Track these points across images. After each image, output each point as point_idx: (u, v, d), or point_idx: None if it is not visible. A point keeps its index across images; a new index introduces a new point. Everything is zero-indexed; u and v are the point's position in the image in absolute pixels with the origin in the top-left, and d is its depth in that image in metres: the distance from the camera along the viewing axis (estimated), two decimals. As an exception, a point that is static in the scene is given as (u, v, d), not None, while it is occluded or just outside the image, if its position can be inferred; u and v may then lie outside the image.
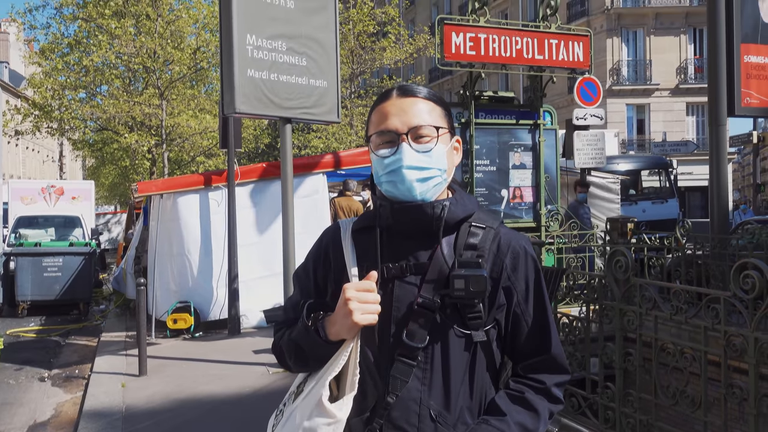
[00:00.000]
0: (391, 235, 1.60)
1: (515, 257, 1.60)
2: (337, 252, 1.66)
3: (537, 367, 1.63)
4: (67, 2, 19.39)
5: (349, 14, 21.61)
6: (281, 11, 6.26)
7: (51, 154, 63.09)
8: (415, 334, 1.52)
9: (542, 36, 7.84)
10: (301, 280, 1.74)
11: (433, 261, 1.56)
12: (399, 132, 1.56)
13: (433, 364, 1.53)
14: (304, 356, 1.60)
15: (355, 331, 1.52)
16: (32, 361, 8.89)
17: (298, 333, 1.59)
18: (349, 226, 1.69)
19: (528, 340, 1.62)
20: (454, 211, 1.59)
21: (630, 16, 30.29)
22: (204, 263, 9.56)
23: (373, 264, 1.58)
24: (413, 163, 1.54)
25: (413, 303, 1.54)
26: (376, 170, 1.60)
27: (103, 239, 22.33)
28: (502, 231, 1.63)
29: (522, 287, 1.61)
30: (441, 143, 1.58)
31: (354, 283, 1.53)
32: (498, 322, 1.59)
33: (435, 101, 1.62)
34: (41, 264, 12.32)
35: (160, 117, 18.97)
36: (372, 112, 1.65)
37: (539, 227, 8.03)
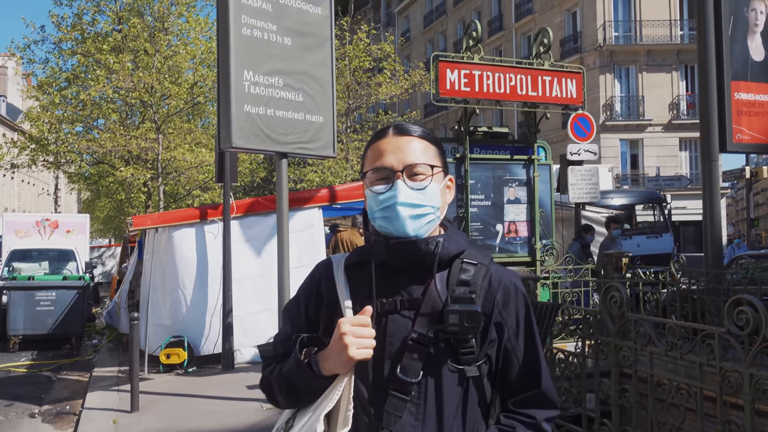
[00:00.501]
0: (384, 270, 1.61)
1: (506, 293, 1.63)
2: (329, 287, 1.67)
3: (527, 402, 1.64)
4: (65, 37, 19.62)
5: (346, 50, 21.89)
6: (278, 48, 6.35)
7: (46, 187, 63.07)
8: (409, 369, 1.53)
9: (536, 73, 7.95)
10: (291, 314, 1.74)
11: (427, 296, 1.58)
12: (394, 169, 1.59)
13: (426, 399, 1.54)
14: (295, 391, 1.60)
15: (350, 366, 1.53)
16: (23, 396, 8.77)
17: (289, 368, 1.59)
18: (342, 261, 1.70)
19: (519, 376, 1.64)
20: (447, 247, 1.61)
21: (622, 53, 30.74)
22: (198, 297, 9.51)
23: (367, 299, 1.59)
24: (408, 200, 1.57)
25: (407, 338, 1.55)
26: (371, 206, 1.63)
27: (97, 272, 22.24)
28: (493, 268, 1.65)
29: (513, 323, 1.63)
30: (435, 181, 1.62)
31: (349, 318, 1.55)
32: (489, 358, 1.61)
33: (430, 140, 1.66)
34: (34, 298, 12.22)
35: (157, 151, 19.05)
36: (368, 149, 1.68)
37: (534, 262, 8.04)
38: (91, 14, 19.92)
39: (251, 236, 9.64)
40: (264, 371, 1.73)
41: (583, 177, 10.13)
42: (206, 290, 9.51)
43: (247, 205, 9.87)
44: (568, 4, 32.61)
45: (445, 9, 43.41)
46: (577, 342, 4.82)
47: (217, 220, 9.49)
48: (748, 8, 8.13)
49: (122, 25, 19.48)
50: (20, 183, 55.93)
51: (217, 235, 9.45)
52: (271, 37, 6.30)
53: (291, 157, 6.70)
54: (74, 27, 19.62)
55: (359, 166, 13.47)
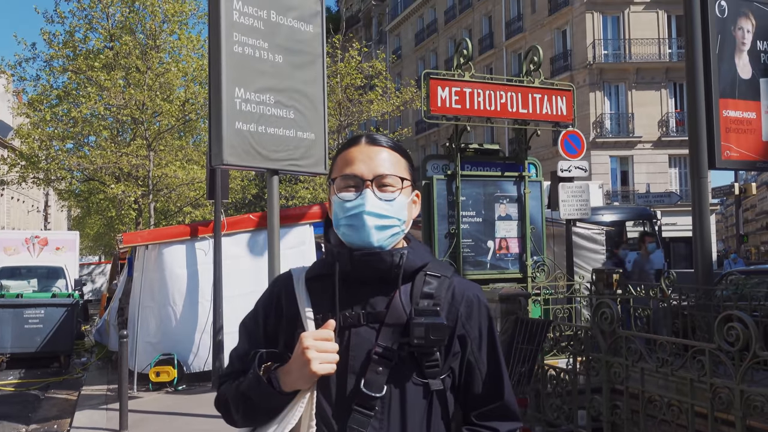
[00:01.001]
0: (346, 282, 1.58)
1: (469, 306, 1.62)
2: (289, 300, 1.64)
3: (490, 414, 1.63)
4: (57, 55, 19.62)
5: (337, 68, 21.99)
6: (270, 65, 6.36)
7: (36, 204, 62.73)
8: (373, 383, 1.50)
9: (526, 90, 8.00)
10: (249, 329, 1.70)
11: (391, 309, 1.55)
12: (364, 178, 1.57)
13: (390, 414, 1.52)
14: (253, 409, 1.56)
15: (313, 382, 1.51)
16: (9, 415, 8.66)
17: (248, 384, 1.55)
18: (303, 274, 1.68)
19: (481, 388, 1.62)
20: (412, 259, 1.60)
21: (612, 71, 31.01)
22: (188, 314, 9.46)
23: (329, 312, 1.56)
24: (375, 210, 1.55)
25: (371, 351, 1.52)
26: (336, 213, 1.60)
27: (86, 290, 22.10)
28: (456, 280, 1.64)
29: (476, 335, 1.62)
30: (403, 194, 1.60)
31: (312, 332, 1.52)
32: (453, 371, 1.60)
33: (401, 153, 1.65)
34: (22, 315, 12.12)
35: (148, 167, 19.02)
36: (338, 155, 1.66)
37: (525, 278, 8.04)
38: (83, 31, 19.98)
39: (242, 253, 9.61)
40: (219, 389, 1.68)
41: (574, 194, 10.17)
42: (196, 307, 9.46)
43: (238, 222, 9.86)
44: (558, 23, 32.93)
45: (436, 27, 43.74)
46: (568, 358, 4.82)
47: (208, 236, 9.46)
48: (735, 27, 8.24)
49: (114, 42, 19.51)
50: (10, 200, 55.60)
51: (207, 251, 9.41)
52: (262, 54, 6.32)
53: (282, 174, 6.70)
54: (66, 44, 19.64)
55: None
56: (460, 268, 7.62)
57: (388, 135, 26.55)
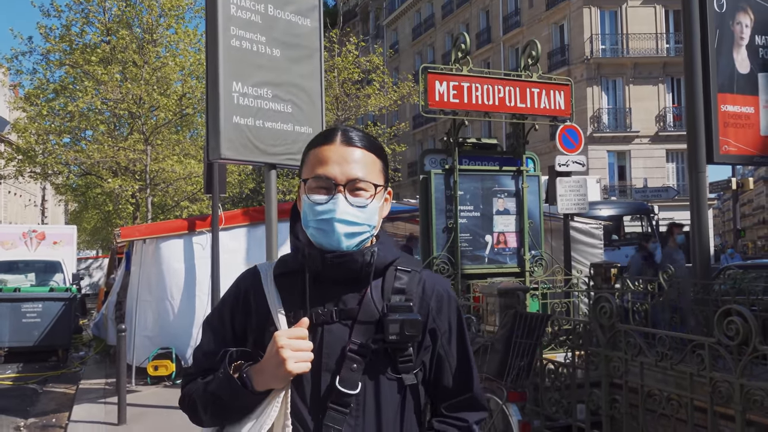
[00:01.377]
0: (317, 279, 1.57)
1: (440, 300, 1.62)
2: (258, 298, 1.61)
3: (460, 406, 1.65)
4: (53, 48, 19.53)
5: (335, 62, 21.94)
6: (267, 59, 6.34)
7: (33, 198, 62.58)
8: (348, 380, 1.50)
9: (524, 85, 7.99)
10: (214, 326, 1.67)
11: (363, 305, 1.54)
12: (337, 182, 1.54)
13: (365, 410, 1.51)
14: (223, 408, 1.52)
15: (287, 381, 1.49)
16: (8, 409, 8.66)
17: (218, 384, 1.52)
18: (270, 271, 1.65)
19: (451, 381, 1.64)
20: (383, 256, 1.59)
21: (609, 66, 31.00)
22: (186, 308, 9.46)
23: (300, 309, 1.55)
24: (346, 217, 1.52)
25: (345, 348, 1.51)
26: (306, 213, 1.57)
27: (84, 284, 22.05)
28: (425, 275, 1.65)
29: (446, 329, 1.63)
30: (376, 200, 1.57)
31: (285, 331, 1.50)
32: (424, 364, 1.61)
33: (376, 154, 1.62)
34: (20, 310, 12.10)
35: (145, 162, 18.97)
36: (309, 151, 1.62)
37: (523, 272, 8.05)
38: (80, 25, 19.85)
39: (240, 247, 9.61)
40: (184, 388, 1.65)
41: (572, 188, 10.17)
42: (194, 301, 9.46)
43: (236, 217, 9.84)
44: (555, 18, 32.89)
45: (434, 22, 43.67)
46: (566, 352, 4.83)
47: (206, 231, 9.45)
48: (733, 22, 8.23)
49: (111, 36, 19.42)
50: (6, 194, 55.48)
51: (205, 246, 9.41)
52: (260, 48, 6.30)
53: (280, 168, 6.68)
54: (62, 38, 19.54)
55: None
56: (458, 262, 7.62)
57: (384, 129, 26.50)
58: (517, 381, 4.53)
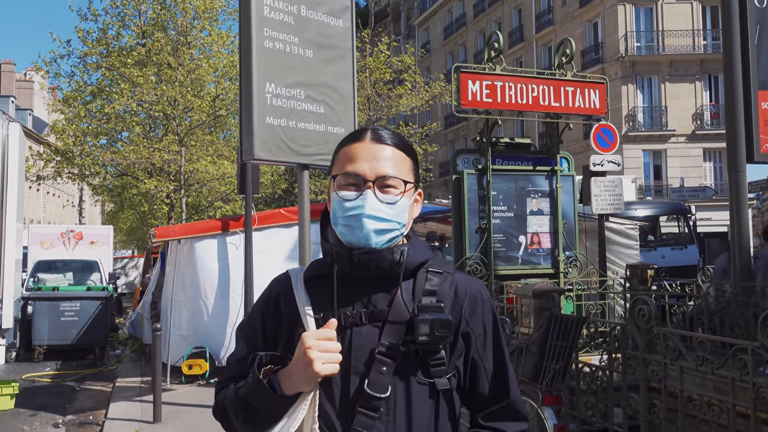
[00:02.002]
0: (346, 281, 1.54)
1: (473, 302, 1.58)
2: (289, 302, 1.59)
3: (497, 415, 1.58)
4: (91, 52, 19.90)
5: (366, 62, 21.97)
6: (300, 60, 6.36)
7: (71, 199, 63.92)
8: (377, 384, 1.46)
9: (558, 83, 7.90)
10: (246, 333, 1.65)
11: (393, 307, 1.51)
12: (366, 178, 1.52)
13: (396, 415, 1.47)
14: (254, 414, 1.50)
15: (315, 383, 1.46)
16: (47, 406, 8.84)
17: (248, 389, 1.50)
18: (301, 274, 1.63)
19: (487, 387, 1.58)
20: (412, 256, 1.56)
21: (644, 64, 30.52)
22: (220, 308, 9.55)
23: (329, 311, 1.52)
24: (375, 213, 1.51)
25: (374, 351, 1.48)
26: (335, 211, 1.56)
27: (120, 283, 22.45)
28: (458, 276, 1.60)
29: (480, 332, 1.58)
30: (405, 197, 1.56)
31: (313, 332, 1.48)
32: (458, 369, 1.55)
33: (406, 152, 1.60)
34: (58, 308, 12.35)
35: (179, 163, 19.22)
36: (340, 149, 1.61)
37: (557, 274, 7.95)
38: (116, 29, 20.22)
39: (273, 247, 9.67)
40: (217, 396, 1.63)
41: (607, 188, 10.01)
42: (228, 301, 9.55)
43: (269, 217, 9.91)
44: (589, 15, 32.50)
45: (465, 21, 43.47)
46: (602, 355, 4.75)
47: (239, 231, 9.52)
48: (774, 17, 8.01)
49: (146, 39, 19.73)
50: (45, 195, 56.73)
51: (238, 246, 9.48)
52: (292, 49, 6.32)
53: (312, 168, 6.70)
54: (99, 41, 19.91)
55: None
56: (491, 263, 7.56)
57: (416, 129, 26.45)
58: (552, 384, 4.46)
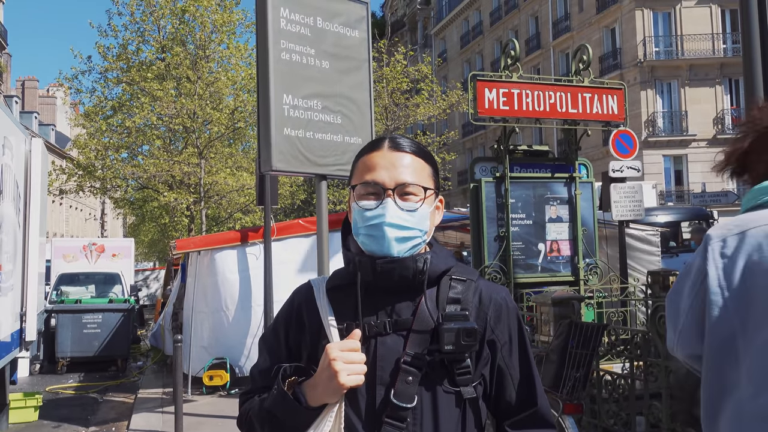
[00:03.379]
0: (369, 290, 1.52)
1: (498, 309, 1.56)
2: (311, 312, 1.57)
3: (525, 423, 1.57)
4: (111, 67, 20.18)
5: (383, 72, 22.05)
6: (317, 71, 6.40)
7: (93, 212, 64.68)
8: (403, 394, 1.45)
9: (575, 90, 7.87)
10: (269, 344, 1.64)
11: (417, 316, 1.50)
12: (386, 186, 1.51)
13: (423, 424, 1.46)
14: (279, 426, 1.49)
15: (340, 395, 1.44)
16: (70, 418, 8.92)
17: (273, 401, 1.48)
18: (323, 284, 1.62)
19: (514, 395, 1.56)
20: (435, 264, 1.54)
21: (664, 68, 30.31)
22: (240, 319, 9.59)
23: (353, 321, 1.51)
24: (396, 221, 1.50)
25: (399, 360, 1.47)
26: (356, 221, 1.55)
27: (141, 295, 22.63)
28: (482, 284, 1.59)
29: (506, 339, 1.56)
30: (426, 204, 1.55)
31: (337, 343, 1.46)
32: (484, 378, 1.54)
33: (425, 159, 1.59)
34: (81, 321, 12.48)
35: (199, 175, 19.39)
36: (358, 159, 1.60)
37: (578, 281, 7.89)
38: (136, 44, 20.49)
39: (292, 258, 9.70)
40: (241, 407, 1.63)
41: (627, 194, 9.93)
42: (249, 312, 9.59)
43: (288, 227, 9.95)
44: (606, 21, 32.36)
45: (482, 29, 43.49)
46: (623, 363, 4.70)
47: (258, 242, 9.57)
48: (794, 19, 7.93)
49: (165, 53, 19.96)
50: (68, 209, 57.47)
51: (258, 256, 9.53)
52: (309, 60, 6.36)
53: (330, 179, 6.72)
54: (119, 57, 20.18)
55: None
56: (510, 271, 7.53)
57: (434, 138, 26.51)
58: (573, 393, 4.43)
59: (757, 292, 1.73)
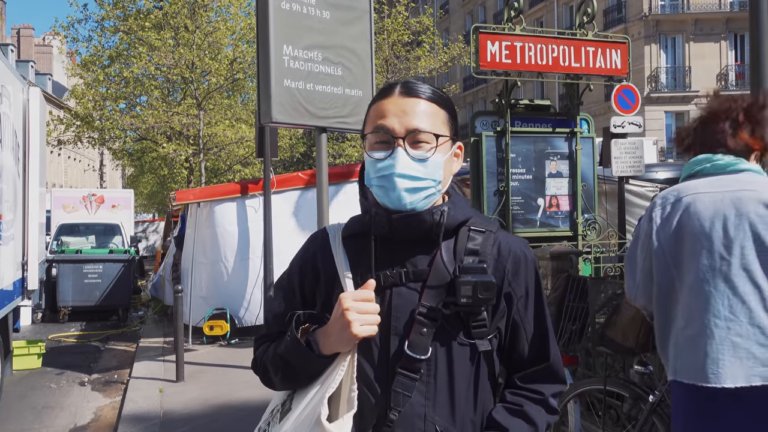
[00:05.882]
0: (385, 240, 1.50)
1: (516, 262, 1.53)
2: (326, 260, 1.56)
3: (535, 377, 1.56)
4: (108, 15, 19.87)
5: (384, 24, 21.72)
6: (317, 22, 6.32)
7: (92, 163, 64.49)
8: (418, 345, 1.43)
9: (579, 43, 7.76)
10: (284, 290, 1.63)
11: (434, 267, 1.48)
12: (396, 134, 1.46)
13: (437, 376, 1.45)
14: (293, 372, 1.50)
15: (353, 344, 1.44)
16: (73, 365, 9.07)
17: (286, 348, 1.48)
18: (339, 232, 1.60)
19: (527, 349, 1.56)
20: (453, 215, 1.51)
21: (668, 23, 29.86)
22: (240, 270, 9.66)
23: (368, 271, 1.49)
24: (406, 171, 1.45)
25: (414, 312, 1.45)
26: (368, 171, 1.53)
27: (141, 246, 22.74)
28: (501, 235, 1.56)
29: (522, 293, 1.54)
30: (439, 152, 1.49)
31: (351, 293, 1.45)
32: (499, 330, 1.53)
33: (439, 104, 1.52)
34: (82, 271, 12.58)
35: (198, 127, 19.28)
36: (370, 107, 1.56)
37: (576, 236, 7.93)
38: (133, -9, 20.12)
39: (291, 210, 9.73)
40: (256, 351, 1.62)
41: (627, 150, 9.90)
42: (247, 263, 9.66)
43: (288, 180, 9.95)
44: (612, -27, 31.76)
45: (485, -20, 42.68)
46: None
47: (258, 194, 9.58)
48: (803, -27, 7.79)
49: (163, 2, 19.63)
50: (67, 159, 57.29)
51: (257, 209, 9.56)
52: (309, 11, 6.27)
53: (330, 131, 6.70)
54: (116, 5, 19.86)
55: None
56: (509, 225, 7.55)
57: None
58: (568, 345, 4.50)
59: (685, 245, 2.32)
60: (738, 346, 2.19)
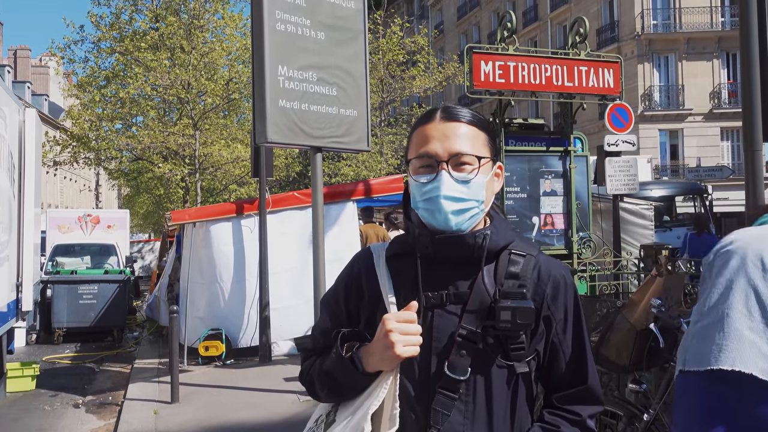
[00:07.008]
0: (428, 262, 1.55)
1: (556, 286, 1.57)
2: (370, 279, 1.61)
3: (573, 398, 1.59)
4: (104, 36, 19.97)
5: (379, 44, 21.87)
6: (312, 42, 6.37)
7: (88, 183, 64.43)
8: (457, 366, 1.48)
9: (572, 63, 7.84)
10: (330, 307, 1.69)
11: (474, 290, 1.52)
12: (439, 158, 1.52)
13: (476, 396, 1.49)
14: (338, 388, 1.55)
15: (396, 364, 1.48)
16: (67, 387, 9.00)
17: (332, 363, 1.54)
18: (383, 252, 1.64)
19: (565, 371, 1.58)
20: (495, 240, 1.55)
21: (661, 42, 30.14)
22: (236, 290, 9.64)
23: (411, 292, 1.53)
24: (451, 193, 1.50)
25: (455, 333, 1.49)
26: (414, 195, 1.57)
27: (137, 266, 22.68)
28: (542, 259, 1.59)
29: (561, 316, 1.57)
30: (481, 173, 1.54)
31: (395, 314, 1.49)
32: (537, 353, 1.56)
33: (479, 126, 1.58)
34: (77, 291, 12.52)
35: (194, 147, 19.31)
36: (413, 133, 1.61)
37: (571, 254, 7.95)
38: (129, 13, 20.26)
39: (287, 230, 9.73)
40: (303, 364, 1.69)
41: (621, 168, 9.96)
42: (243, 284, 9.63)
43: (283, 200, 9.95)
44: (604, -7, 32.08)
45: (479, 1, 43.03)
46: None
47: (254, 214, 9.58)
48: (792, -8, 7.88)
49: (159, 23, 19.77)
50: (62, 180, 57.23)
51: (253, 228, 9.55)
52: (304, 31, 6.32)
53: (325, 151, 6.73)
54: (112, 26, 19.97)
55: (393, 160, 13.62)
56: (504, 244, 7.57)
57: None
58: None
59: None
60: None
